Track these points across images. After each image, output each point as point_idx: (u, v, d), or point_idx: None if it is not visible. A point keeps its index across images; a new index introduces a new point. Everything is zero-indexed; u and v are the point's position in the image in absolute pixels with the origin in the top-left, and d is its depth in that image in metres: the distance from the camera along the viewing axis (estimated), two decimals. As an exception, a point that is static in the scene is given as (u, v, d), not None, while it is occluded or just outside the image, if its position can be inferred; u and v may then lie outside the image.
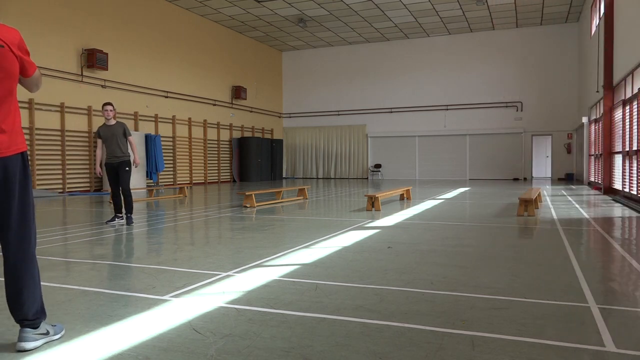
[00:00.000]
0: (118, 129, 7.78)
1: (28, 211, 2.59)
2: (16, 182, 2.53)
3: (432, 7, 20.26)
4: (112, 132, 7.76)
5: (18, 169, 2.53)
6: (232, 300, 3.45)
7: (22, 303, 2.58)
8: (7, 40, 2.47)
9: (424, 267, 4.51)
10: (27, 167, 2.59)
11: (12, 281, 2.58)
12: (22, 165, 2.56)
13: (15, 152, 2.53)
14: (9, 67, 2.49)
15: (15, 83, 2.55)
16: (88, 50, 15.61)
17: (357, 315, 3.09)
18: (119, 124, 7.85)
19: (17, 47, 2.52)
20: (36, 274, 2.64)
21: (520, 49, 23.66)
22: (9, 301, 2.60)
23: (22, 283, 2.58)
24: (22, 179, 2.55)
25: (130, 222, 7.71)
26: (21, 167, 2.55)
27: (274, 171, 25.08)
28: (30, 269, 2.61)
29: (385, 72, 25.99)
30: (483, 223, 7.66)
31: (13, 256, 2.56)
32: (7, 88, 2.50)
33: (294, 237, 6.36)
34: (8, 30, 2.52)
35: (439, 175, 25.29)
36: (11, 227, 2.54)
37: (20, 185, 2.55)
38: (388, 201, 11.50)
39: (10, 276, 2.58)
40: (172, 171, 19.54)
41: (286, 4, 19.58)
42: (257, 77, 25.42)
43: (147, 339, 2.72)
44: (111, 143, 7.75)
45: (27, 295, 2.59)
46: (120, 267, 4.67)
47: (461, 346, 2.57)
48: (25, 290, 2.58)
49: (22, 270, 2.57)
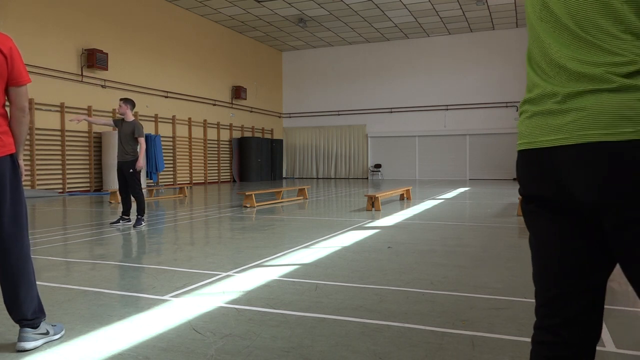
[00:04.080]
0: (128, 127, 7.46)
1: (21, 211, 2.61)
2: (7, 183, 2.55)
3: (432, 7, 20.26)
4: (124, 129, 7.45)
5: (8, 170, 2.56)
6: (232, 300, 3.45)
7: (20, 303, 2.58)
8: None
9: (424, 267, 4.51)
10: (16, 168, 2.61)
11: (7, 281, 2.58)
12: (12, 166, 2.58)
13: (5, 154, 2.55)
14: None
15: (2, 84, 2.56)
16: (88, 50, 15.61)
17: (357, 315, 3.09)
18: (131, 122, 7.49)
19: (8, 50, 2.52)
20: (31, 273, 2.64)
21: (520, 49, 23.65)
22: (6, 302, 2.61)
23: (18, 283, 2.58)
24: (12, 179, 2.57)
25: (138, 224, 7.34)
26: (11, 167, 2.57)
27: (274, 171, 25.07)
28: (26, 268, 2.61)
29: (385, 72, 25.98)
30: (483, 223, 7.66)
31: (8, 257, 2.57)
32: None
33: (294, 237, 6.36)
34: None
35: (439, 175, 25.28)
36: (4, 228, 2.55)
37: (11, 186, 2.57)
38: (388, 201, 11.50)
39: (5, 276, 2.58)
40: (172, 171, 19.54)
41: (286, 4, 19.57)
42: (257, 77, 25.42)
43: (147, 339, 2.72)
44: (122, 141, 7.45)
45: (24, 295, 2.59)
46: (120, 267, 4.67)
47: (461, 346, 2.57)
48: (22, 290, 2.58)
49: (17, 270, 2.58)
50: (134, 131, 7.45)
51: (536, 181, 1.28)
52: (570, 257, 1.27)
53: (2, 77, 2.51)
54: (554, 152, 1.20)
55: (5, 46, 2.48)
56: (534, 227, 1.35)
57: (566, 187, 1.19)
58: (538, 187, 1.28)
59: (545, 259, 1.33)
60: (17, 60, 2.53)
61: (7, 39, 2.53)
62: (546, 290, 1.34)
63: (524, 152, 1.30)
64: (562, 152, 1.18)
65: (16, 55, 2.53)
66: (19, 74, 2.54)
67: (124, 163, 7.48)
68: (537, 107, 1.25)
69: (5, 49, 2.48)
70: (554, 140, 1.19)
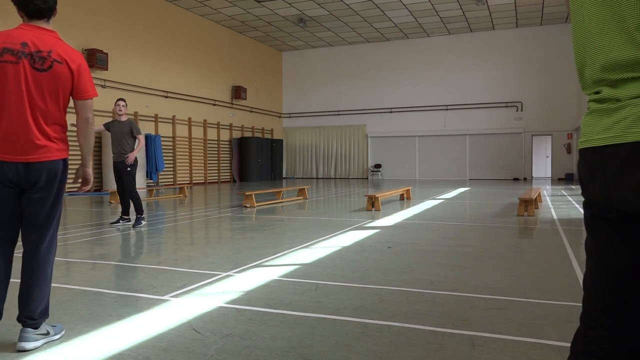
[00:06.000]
0: (126, 126, 7.43)
1: (56, 213, 2.77)
2: (55, 185, 2.75)
3: (432, 7, 20.26)
4: (121, 129, 7.42)
5: (59, 172, 2.77)
6: (232, 300, 3.45)
7: (31, 300, 2.63)
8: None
9: (424, 267, 4.51)
10: (66, 172, 2.81)
11: (27, 277, 2.67)
12: (63, 169, 2.81)
13: (58, 158, 2.78)
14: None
15: (66, 96, 2.79)
16: (88, 50, 15.61)
17: (357, 315, 3.09)
18: (128, 121, 7.48)
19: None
20: (49, 273, 2.72)
21: (520, 49, 23.66)
22: (20, 296, 2.67)
23: (35, 280, 2.65)
24: (60, 182, 2.77)
25: (138, 224, 7.32)
26: (62, 171, 2.79)
27: (274, 171, 25.07)
28: (46, 268, 2.70)
29: (385, 72, 25.98)
30: (483, 223, 7.66)
31: (36, 252, 2.68)
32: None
33: (294, 237, 6.36)
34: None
35: (439, 175, 25.28)
36: (39, 224, 2.69)
37: (57, 189, 2.76)
38: (388, 201, 11.50)
39: (27, 271, 2.67)
40: (172, 171, 19.54)
41: (286, 4, 19.57)
42: (257, 77, 25.42)
43: (147, 339, 2.72)
44: (118, 141, 7.41)
45: (37, 292, 2.65)
46: (120, 267, 4.67)
47: (461, 346, 2.57)
48: (36, 288, 2.65)
49: (40, 267, 2.67)
50: (131, 130, 7.44)
51: (591, 185, 1.20)
52: (621, 270, 1.20)
53: (66, 90, 2.70)
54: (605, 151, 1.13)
55: (74, 63, 2.70)
56: (591, 232, 1.28)
57: (611, 192, 1.12)
58: (593, 192, 1.21)
59: (597, 267, 1.25)
60: (84, 77, 2.74)
61: (77, 57, 2.74)
62: (595, 298, 1.26)
63: (582, 150, 1.22)
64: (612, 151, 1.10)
65: (84, 71, 2.74)
66: (84, 89, 2.75)
67: (122, 163, 7.44)
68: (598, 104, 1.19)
69: (74, 65, 2.70)
70: (606, 139, 1.12)
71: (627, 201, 1.10)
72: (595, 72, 1.17)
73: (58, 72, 2.64)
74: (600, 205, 1.20)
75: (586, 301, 1.29)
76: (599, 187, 1.17)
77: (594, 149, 1.17)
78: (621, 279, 1.20)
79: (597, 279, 1.25)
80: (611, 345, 1.22)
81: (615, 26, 1.10)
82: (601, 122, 1.15)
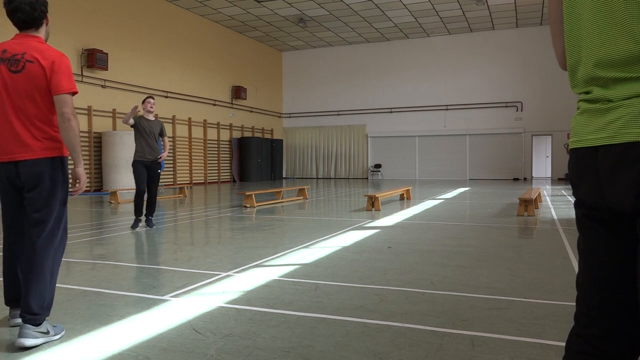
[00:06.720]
0: (156, 126, 7.30)
1: (52, 210, 2.86)
2: (46, 183, 2.86)
3: (432, 7, 20.26)
4: (152, 128, 7.24)
5: (47, 170, 2.87)
6: (232, 300, 3.45)
7: (28, 295, 2.67)
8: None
9: (424, 267, 4.51)
10: (56, 170, 2.91)
11: (24, 272, 2.75)
12: (51, 167, 2.90)
13: (44, 156, 2.89)
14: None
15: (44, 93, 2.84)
16: (88, 50, 15.61)
17: (357, 315, 3.09)
18: (158, 121, 7.37)
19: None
20: (47, 270, 2.75)
21: (520, 49, 23.66)
22: (22, 288, 2.76)
23: (31, 275, 2.71)
24: (51, 179, 2.88)
25: (151, 225, 7.23)
26: (50, 169, 2.89)
27: (274, 171, 25.07)
28: (42, 264, 2.74)
29: (385, 72, 25.98)
30: (483, 223, 7.66)
31: (32, 248, 2.76)
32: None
33: (294, 237, 6.36)
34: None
35: (439, 175, 25.28)
36: (34, 221, 2.79)
37: (49, 185, 2.86)
38: (388, 201, 11.50)
39: (25, 266, 2.76)
40: (172, 171, 19.54)
41: (286, 4, 19.57)
42: (257, 77, 25.42)
43: (147, 339, 2.72)
44: (151, 139, 7.21)
45: (34, 288, 2.68)
46: (120, 267, 4.67)
47: (461, 346, 2.57)
48: (33, 284, 2.68)
49: (35, 263, 2.73)
50: (162, 130, 7.38)
51: (583, 184, 1.21)
52: (613, 268, 1.21)
53: (42, 88, 2.75)
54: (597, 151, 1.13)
55: (47, 60, 2.74)
56: (583, 232, 1.29)
57: (604, 192, 1.13)
58: (584, 192, 1.21)
59: (590, 266, 1.26)
60: (58, 73, 2.75)
61: (53, 55, 2.77)
62: (588, 298, 1.27)
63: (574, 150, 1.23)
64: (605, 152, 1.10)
65: (58, 67, 2.76)
66: (57, 84, 2.76)
67: (155, 162, 7.25)
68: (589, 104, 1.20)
69: (47, 62, 2.74)
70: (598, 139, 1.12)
71: (620, 201, 1.10)
72: (588, 70, 1.18)
73: (30, 72, 2.73)
74: (591, 205, 1.21)
75: (579, 300, 1.30)
76: (591, 187, 1.17)
77: (586, 149, 1.17)
78: (613, 277, 1.21)
79: (590, 278, 1.26)
80: (605, 344, 1.22)
81: (613, 22, 1.11)
82: (593, 123, 1.15)
